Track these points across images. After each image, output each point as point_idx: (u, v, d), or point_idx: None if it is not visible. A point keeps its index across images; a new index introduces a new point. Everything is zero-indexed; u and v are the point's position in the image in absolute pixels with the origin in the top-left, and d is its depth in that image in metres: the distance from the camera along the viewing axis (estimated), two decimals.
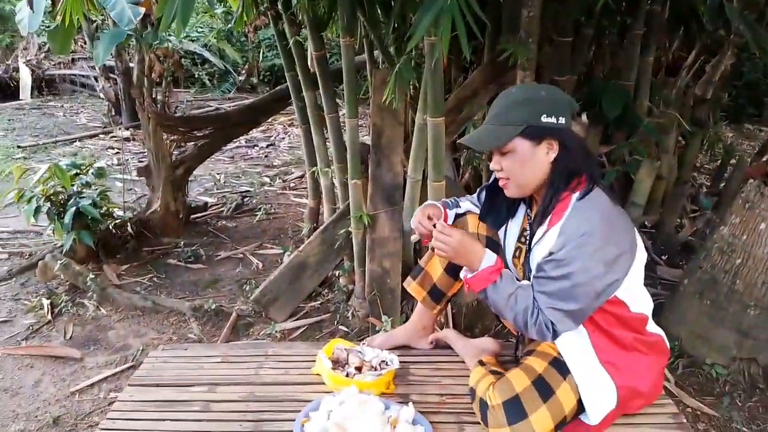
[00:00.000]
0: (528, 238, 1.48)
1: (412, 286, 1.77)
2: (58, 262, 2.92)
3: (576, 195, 1.38)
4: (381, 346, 1.77)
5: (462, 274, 1.48)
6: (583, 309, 1.34)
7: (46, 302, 2.89)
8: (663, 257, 3.28)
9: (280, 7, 2.89)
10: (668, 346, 1.54)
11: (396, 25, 2.60)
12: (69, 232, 2.94)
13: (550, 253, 1.35)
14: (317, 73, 2.80)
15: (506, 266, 1.63)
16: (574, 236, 1.31)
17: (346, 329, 2.74)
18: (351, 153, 2.60)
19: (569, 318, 1.34)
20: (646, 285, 2.03)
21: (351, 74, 2.51)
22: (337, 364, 1.64)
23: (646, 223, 3.41)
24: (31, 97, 8.50)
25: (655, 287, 2.97)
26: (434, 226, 1.50)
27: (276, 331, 2.69)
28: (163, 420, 1.47)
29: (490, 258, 1.42)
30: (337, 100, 2.96)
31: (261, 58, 8.73)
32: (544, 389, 1.39)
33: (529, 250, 1.46)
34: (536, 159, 1.38)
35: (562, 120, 1.37)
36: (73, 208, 2.91)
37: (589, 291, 1.31)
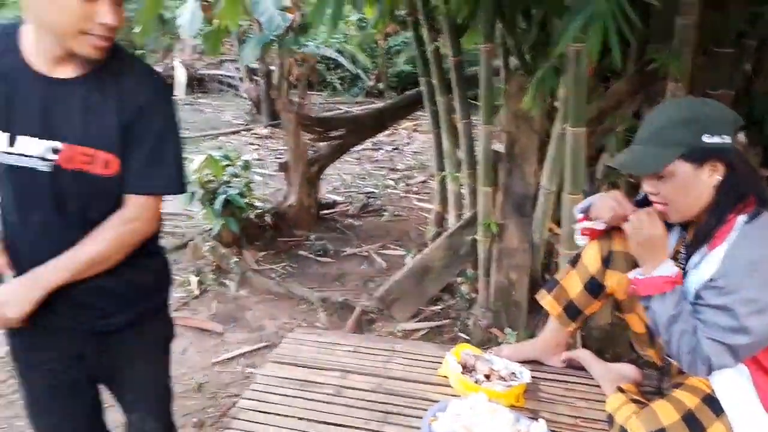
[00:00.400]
0: (683, 261, 1.39)
1: (546, 299, 1.72)
2: (207, 244, 3.23)
3: (742, 217, 1.28)
4: (509, 357, 1.74)
5: (631, 274, 1.38)
6: (745, 345, 1.23)
7: (194, 279, 3.20)
8: None
9: (420, 13, 2.96)
10: None
11: (535, 31, 2.57)
12: (217, 218, 3.24)
13: (711, 279, 1.26)
14: (453, 78, 2.83)
15: None
16: (741, 263, 1.22)
17: (466, 337, 2.74)
18: (483, 160, 2.60)
19: (729, 353, 1.24)
20: None
21: (489, 80, 2.52)
22: (465, 369, 1.65)
23: None
24: (185, 95, 9.44)
25: None
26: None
27: (398, 330, 2.76)
28: (298, 398, 1.57)
29: (669, 267, 1.32)
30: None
31: (389, 64, 8.97)
32: (694, 427, 1.30)
33: (684, 274, 1.37)
34: (699, 183, 1.28)
35: (726, 138, 1.26)
36: (223, 196, 3.20)
37: (754, 325, 1.21)
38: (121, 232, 1.17)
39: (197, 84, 9.89)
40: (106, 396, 1.41)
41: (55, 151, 1.10)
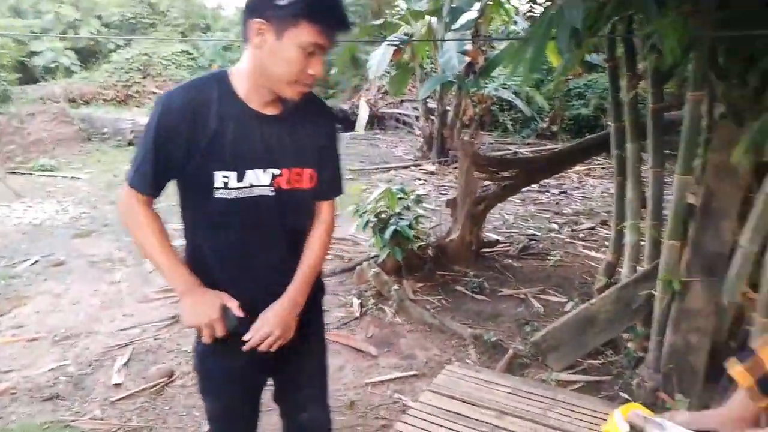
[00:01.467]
0: None
1: (737, 369, 1.53)
2: (372, 270, 3.40)
3: None
4: (687, 425, 1.57)
5: None
6: None
7: (356, 302, 3.38)
8: None
9: (621, 60, 2.86)
10: None
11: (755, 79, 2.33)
12: (384, 246, 3.39)
13: None
14: (651, 125, 2.67)
15: None
16: None
17: (627, 397, 2.52)
18: (674, 212, 2.40)
19: None
20: None
21: (693, 130, 2.34)
22: (633, 430, 1.52)
23: None
24: (364, 130, 10.15)
25: None
26: None
27: (551, 380, 2.62)
28: (452, 430, 1.57)
29: None
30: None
31: (566, 107, 8.75)
32: None
33: None
34: None
35: None
36: (393, 227, 3.35)
37: None
38: (326, 235, 1.42)
39: (377, 121, 10.59)
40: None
41: (275, 175, 1.30)
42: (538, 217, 5.39)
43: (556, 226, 5.05)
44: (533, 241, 4.57)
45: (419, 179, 6.92)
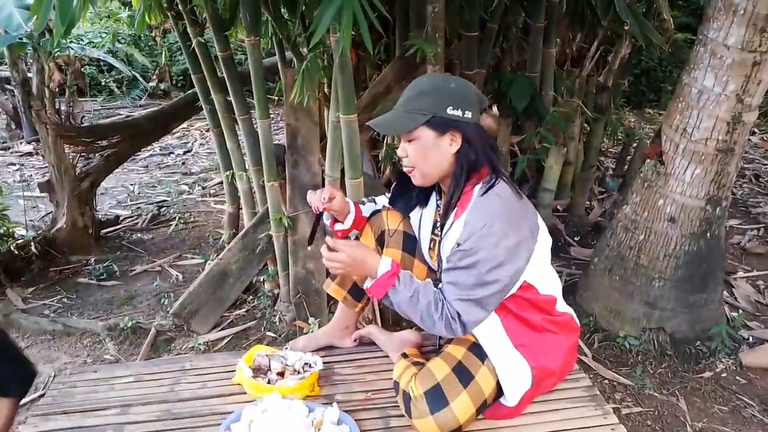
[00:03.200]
0: (440, 229, 1.50)
1: (331, 287, 1.76)
2: None
3: (478, 188, 1.41)
4: (304, 348, 1.74)
5: (365, 285, 1.47)
6: (489, 296, 1.37)
7: None
8: (575, 238, 3.44)
9: (179, 5, 2.77)
10: (578, 324, 1.61)
11: (307, 22, 2.57)
12: None
13: (457, 244, 1.37)
14: (225, 74, 2.72)
15: (423, 260, 1.66)
16: (478, 228, 1.34)
17: (273, 335, 2.68)
18: (265, 155, 2.55)
19: (478, 307, 1.36)
20: (561, 266, 2.04)
21: (258, 74, 2.46)
22: (259, 371, 1.60)
23: (558, 207, 3.57)
24: None
25: (570, 267, 3.11)
26: (322, 214, 1.54)
27: (199, 344, 2.59)
28: None
29: (385, 263, 1.42)
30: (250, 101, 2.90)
31: (172, 62, 8.40)
32: (464, 375, 1.42)
33: (441, 242, 1.48)
34: (439, 149, 1.39)
35: (468, 114, 1.38)
36: None
37: (495, 279, 1.35)
38: None
39: None
40: None
41: None
42: (166, 181, 5.14)
43: (186, 188, 4.90)
44: (164, 208, 4.35)
45: (13, 164, 5.76)
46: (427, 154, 1.40)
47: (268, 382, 1.54)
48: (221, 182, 4.99)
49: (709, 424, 2.13)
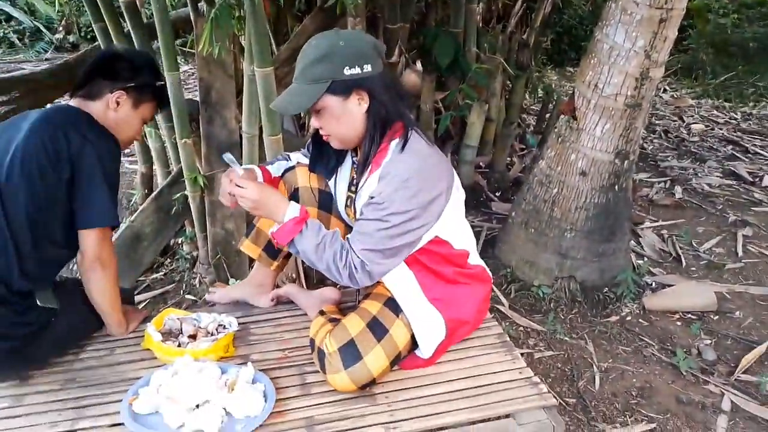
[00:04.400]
0: (355, 186, 1.48)
1: (245, 244, 1.72)
2: None
3: (394, 143, 1.39)
4: (221, 300, 1.73)
5: (270, 230, 1.43)
6: (397, 248, 1.37)
7: None
8: (497, 194, 3.53)
9: None
10: (490, 275, 1.65)
11: None
12: None
13: (371, 197, 1.36)
14: (129, 23, 2.52)
15: (341, 218, 1.64)
16: (393, 182, 1.33)
17: (193, 298, 2.61)
18: (176, 110, 2.41)
19: (384, 257, 1.36)
20: (482, 221, 2.06)
21: (164, 23, 2.30)
22: (170, 335, 1.55)
23: (480, 163, 3.64)
24: None
25: (491, 222, 3.20)
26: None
27: None
28: None
29: (294, 209, 1.40)
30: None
31: (80, 12, 7.77)
32: (378, 329, 1.43)
33: (356, 198, 1.47)
34: (349, 113, 1.36)
35: (367, 68, 1.33)
36: None
37: (403, 231, 1.35)
38: None
39: None
40: None
41: None
42: None
43: None
44: None
45: None
46: (339, 120, 1.36)
47: (179, 346, 1.50)
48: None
49: (614, 364, 2.28)
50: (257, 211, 1.43)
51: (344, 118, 1.36)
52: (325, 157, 1.57)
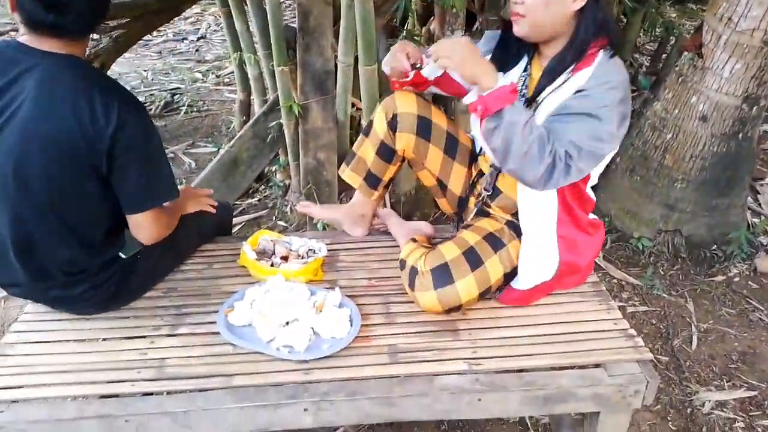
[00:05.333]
0: (527, 96, 1.40)
1: (346, 173, 1.69)
2: None
3: (603, 51, 1.32)
4: (318, 214, 1.77)
5: (468, 99, 1.27)
6: (592, 155, 1.27)
7: None
8: None
9: None
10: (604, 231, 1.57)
11: None
12: None
13: (579, 90, 1.28)
14: None
15: (445, 151, 1.59)
16: (608, 82, 1.27)
17: (284, 224, 2.70)
18: (275, 37, 2.41)
19: (581, 161, 1.25)
20: None
21: None
22: (264, 255, 1.60)
23: None
24: None
25: None
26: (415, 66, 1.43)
27: None
28: (69, 331, 1.41)
29: (505, 78, 1.29)
30: None
31: None
32: (474, 260, 1.40)
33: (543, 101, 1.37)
34: (561, 2, 1.28)
35: None
36: None
37: (604, 137, 1.26)
38: None
39: None
40: None
41: None
42: (180, 68, 5.00)
43: (200, 75, 4.78)
44: (177, 96, 4.27)
45: None
46: (548, 4, 1.28)
47: (272, 266, 1.55)
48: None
49: (715, 326, 2.13)
50: (464, 66, 1.23)
51: (554, 5, 1.28)
52: (506, 54, 1.44)
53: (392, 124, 1.56)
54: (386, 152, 1.60)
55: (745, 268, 2.38)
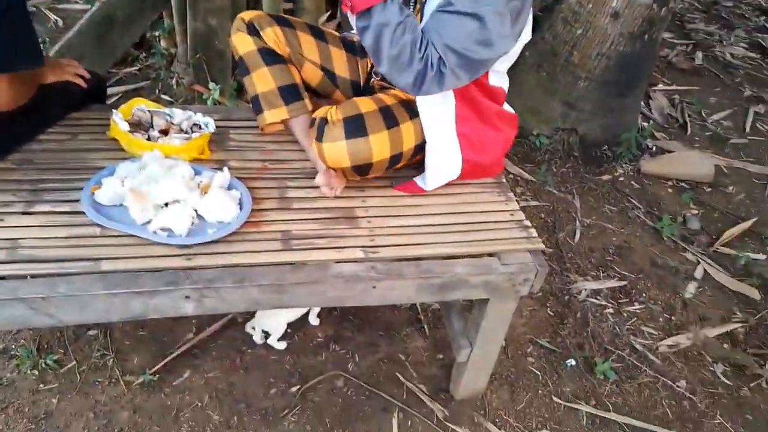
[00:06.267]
0: None
1: (267, 116, 1.46)
2: None
3: None
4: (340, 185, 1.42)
5: None
6: (476, 63, 1.17)
7: None
8: None
9: None
10: (517, 125, 1.51)
11: None
12: None
13: None
14: None
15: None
16: None
17: (169, 99, 2.42)
18: None
19: (460, 69, 1.16)
20: None
21: None
22: (139, 127, 1.40)
23: None
24: None
25: None
26: None
27: None
28: None
29: None
30: None
31: None
32: (390, 119, 1.30)
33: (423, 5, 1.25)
34: None
35: None
36: None
37: (489, 40, 1.14)
38: None
39: None
40: None
41: None
42: None
43: None
44: None
45: None
46: None
47: (148, 139, 1.36)
48: None
49: (597, 221, 2.25)
50: None
51: None
52: None
53: (253, 30, 1.43)
54: (272, 58, 1.44)
55: (630, 168, 2.51)
